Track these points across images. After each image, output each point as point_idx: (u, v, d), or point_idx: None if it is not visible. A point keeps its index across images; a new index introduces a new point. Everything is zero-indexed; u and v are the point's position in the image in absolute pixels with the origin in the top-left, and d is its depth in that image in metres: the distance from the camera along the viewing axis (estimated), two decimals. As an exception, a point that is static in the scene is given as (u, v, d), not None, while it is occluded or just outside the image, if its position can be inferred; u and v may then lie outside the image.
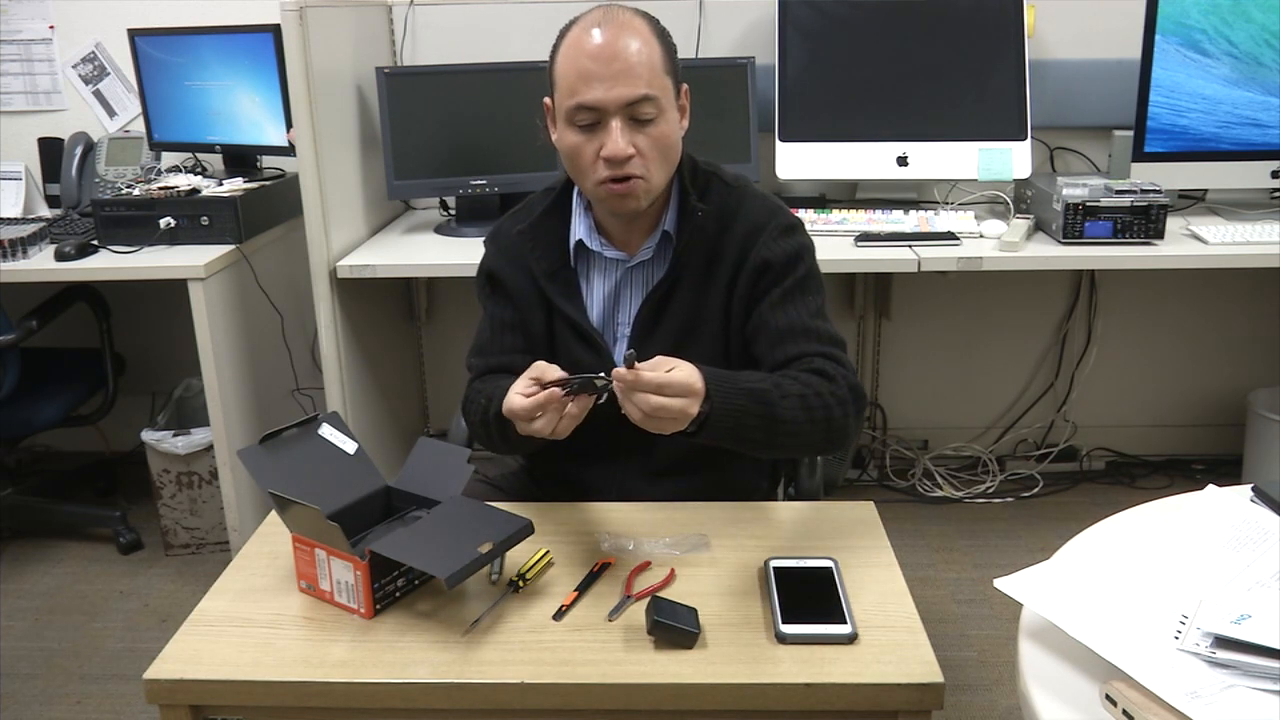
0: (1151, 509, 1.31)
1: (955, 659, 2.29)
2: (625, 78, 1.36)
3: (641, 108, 1.38)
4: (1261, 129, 2.56)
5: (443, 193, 2.78)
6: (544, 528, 1.38)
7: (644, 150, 1.40)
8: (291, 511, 1.25)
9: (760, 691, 1.10)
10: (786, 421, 1.33)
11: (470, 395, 1.56)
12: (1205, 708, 0.89)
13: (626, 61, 1.36)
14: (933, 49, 2.64)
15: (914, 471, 3.11)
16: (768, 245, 1.48)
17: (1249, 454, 2.88)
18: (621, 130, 1.38)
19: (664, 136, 1.41)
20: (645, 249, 1.52)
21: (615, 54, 1.36)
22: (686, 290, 1.50)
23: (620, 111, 1.38)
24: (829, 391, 1.38)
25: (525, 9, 2.86)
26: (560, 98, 1.41)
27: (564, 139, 1.43)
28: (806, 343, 1.44)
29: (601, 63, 1.36)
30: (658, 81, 1.39)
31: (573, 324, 1.53)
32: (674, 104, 1.44)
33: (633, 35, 1.38)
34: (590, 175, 1.42)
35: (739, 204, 1.52)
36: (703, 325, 1.51)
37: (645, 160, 1.40)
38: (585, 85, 1.37)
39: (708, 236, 1.50)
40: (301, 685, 1.14)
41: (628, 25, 1.39)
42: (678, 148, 1.46)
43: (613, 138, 1.38)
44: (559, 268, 1.54)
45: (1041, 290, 3.06)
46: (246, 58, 2.73)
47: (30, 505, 2.91)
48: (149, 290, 2.52)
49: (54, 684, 2.29)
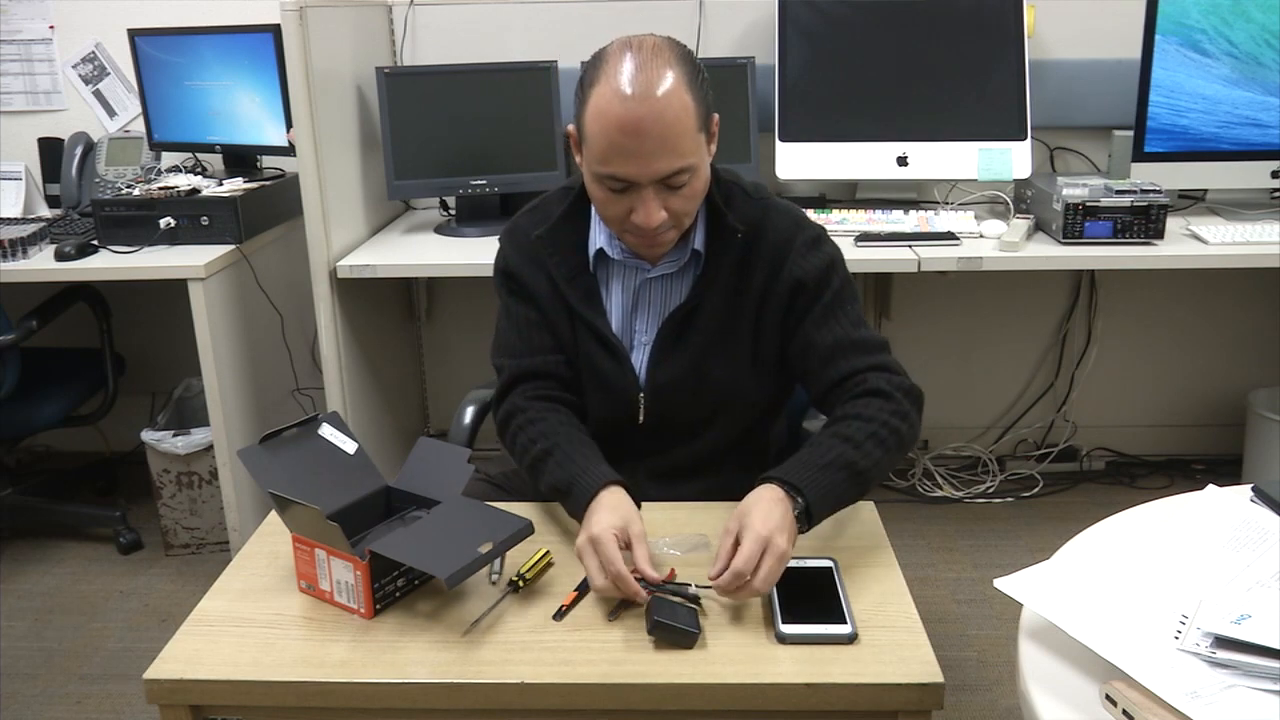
0: (1151, 509, 1.31)
1: (955, 659, 2.29)
2: (660, 154, 1.31)
3: (674, 179, 1.34)
4: (1261, 129, 2.56)
5: (443, 193, 2.78)
6: (544, 528, 1.38)
7: (676, 210, 1.37)
8: (291, 511, 1.25)
9: (760, 691, 1.10)
10: (872, 468, 1.35)
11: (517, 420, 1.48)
12: (1205, 708, 0.89)
13: (661, 138, 1.29)
14: (933, 49, 2.64)
15: (914, 471, 3.11)
16: (799, 263, 1.46)
17: (1249, 454, 2.88)
18: (654, 200, 1.34)
19: (696, 193, 1.38)
20: (670, 262, 1.48)
21: (649, 130, 1.29)
22: (712, 306, 1.48)
23: (654, 183, 1.33)
24: (891, 413, 1.39)
25: (525, 9, 2.86)
26: (589, 157, 1.36)
27: (592, 189, 1.39)
28: (855, 357, 1.45)
29: (635, 139, 1.29)
30: (692, 144, 1.33)
31: (594, 331, 1.50)
32: (706, 152, 1.38)
33: (667, 102, 1.29)
34: (617, 227, 1.41)
35: (763, 217, 1.48)
36: (727, 342, 1.49)
37: (676, 215, 1.38)
38: (618, 158, 1.31)
39: (733, 252, 1.47)
40: (301, 685, 1.14)
41: (660, 87, 1.29)
42: (707, 187, 1.42)
43: (645, 209, 1.34)
44: (578, 273, 1.50)
45: (1041, 290, 3.06)
46: (246, 58, 2.73)
47: (30, 505, 2.91)
48: (149, 290, 2.52)
49: (54, 684, 2.29)
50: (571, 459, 1.38)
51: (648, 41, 1.34)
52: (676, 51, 1.35)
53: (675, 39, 1.38)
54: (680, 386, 1.50)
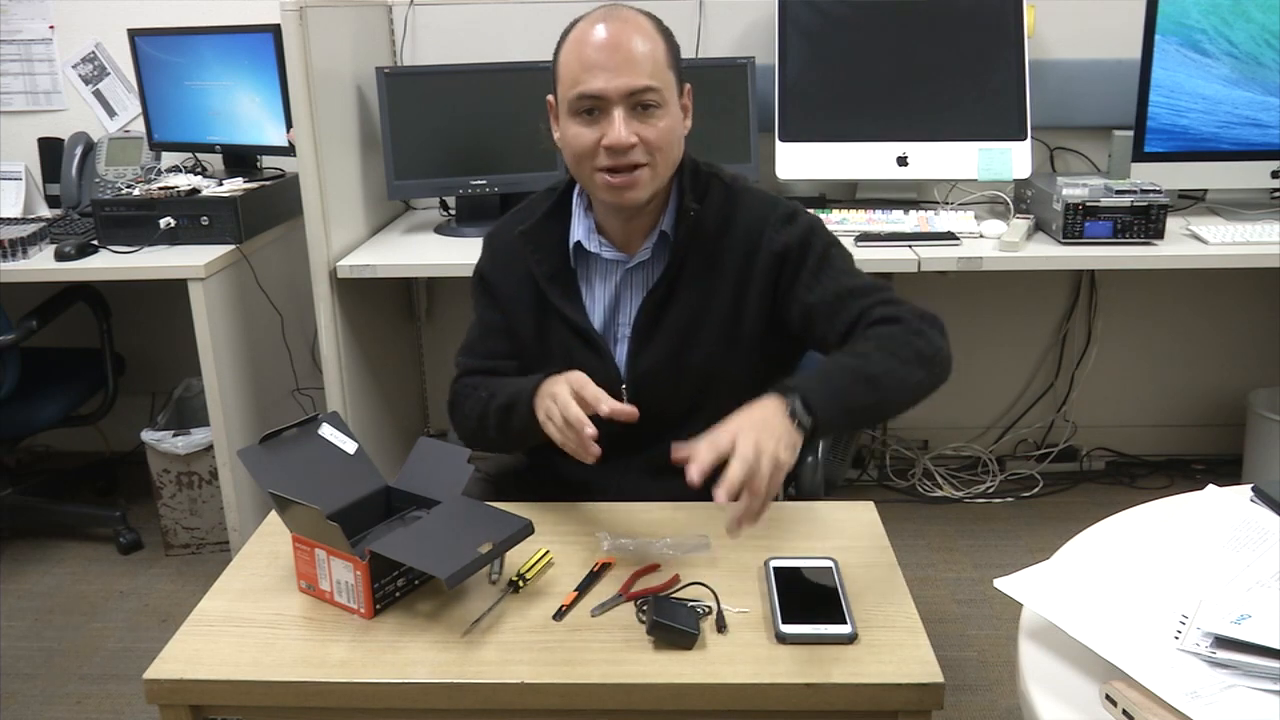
0: (1151, 509, 1.31)
1: (955, 659, 2.29)
2: (629, 68, 1.39)
3: (644, 97, 1.40)
4: (1261, 129, 2.56)
5: (443, 193, 2.78)
6: (544, 528, 1.38)
7: (647, 139, 1.41)
8: (291, 511, 1.25)
9: (760, 691, 1.10)
10: (883, 375, 1.34)
11: (462, 390, 1.59)
12: (1205, 708, 0.89)
13: (631, 52, 1.39)
14: (933, 49, 2.64)
15: (914, 471, 3.11)
16: (774, 237, 1.49)
17: (1249, 454, 2.88)
18: (625, 119, 1.40)
19: (667, 130, 1.43)
20: (644, 250, 1.52)
21: (619, 45, 1.39)
22: (687, 291, 1.51)
23: (623, 101, 1.40)
24: (901, 331, 1.39)
25: (525, 9, 2.86)
26: (563, 89, 1.44)
27: (566, 130, 1.45)
28: (856, 301, 1.45)
29: (606, 53, 1.39)
30: (661, 75, 1.42)
31: (574, 326, 1.53)
32: (677, 100, 1.46)
33: (637, 30, 1.42)
34: (591, 164, 1.43)
35: (737, 201, 1.53)
36: (705, 325, 1.51)
37: (648, 149, 1.42)
38: (589, 75, 1.39)
39: (707, 236, 1.50)
40: (301, 685, 1.14)
41: (632, 21, 1.42)
42: (680, 144, 1.47)
43: (615, 126, 1.40)
44: (559, 270, 1.54)
45: (1041, 290, 3.06)
46: (246, 58, 2.73)
47: (30, 505, 2.91)
48: (149, 290, 2.53)
49: (54, 684, 2.29)
50: (515, 382, 1.47)
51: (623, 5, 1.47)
52: (652, 16, 1.47)
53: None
54: (661, 374, 1.52)
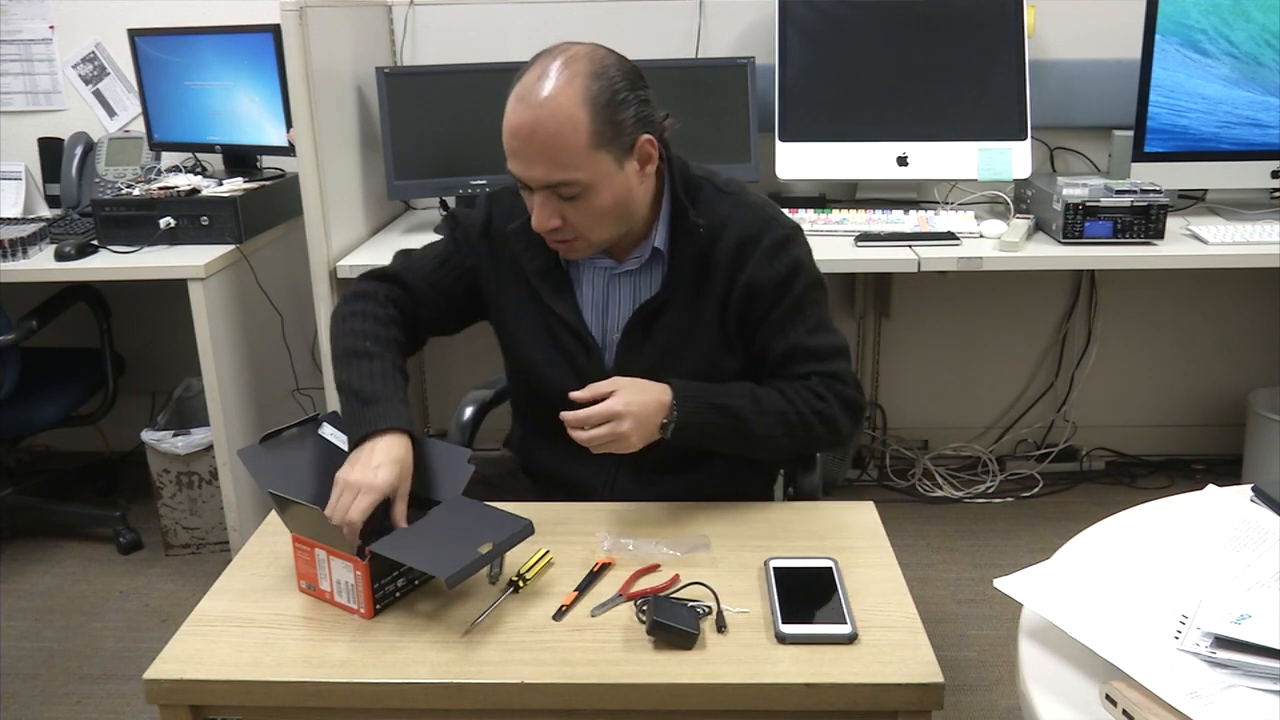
0: (1151, 509, 1.31)
1: (955, 659, 2.29)
2: (541, 161, 1.33)
3: (560, 190, 1.35)
4: (1261, 129, 2.56)
5: (443, 193, 2.77)
6: (544, 528, 1.38)
7: (572, 220, 1.38)
8: (291, 511, 1.25)
9: (760, 691, 1.10)
10: (760, 439, 1.44)
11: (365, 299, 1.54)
12: (1205, 708, 0.89)
13: (543, 145, 1.32)
14: (933, 49, 2.64)
15: (914, 471, 3.11)
16: (759, 267, 1.46)
17: (1249, 454, 2.88)
18: (544, 204, 1.36)
19: (593, 209, 1.37)
20: (633, 259, 1.50)
21: (531, 136, 1.32)
22: (677, 304, 1.49)
23: (542, 189, 1.36)
24: (814, 410, 1.44)
25: (525, 9, 2.86)
26: None
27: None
28: (804, 364, 1.48)
29: (519, 141, 1.34)
30: (581, 161, 1.33)
31: (566, 324, 1.52)
32: (613, 174, 1.36)
33: (553, 115, 1.30)
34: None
35: (731, 212, 1.49)
36: (693, 339, 1.50)
37: (575, 227, 1.39)
38: (510, 155, 1.36)
39: (699, 248, 1.47)
40: (301, 685, 1.14)
41: (550, 104, 1.31)
42: (623, 207, 1.40)
43: (535, 212, 1.38)
44: (550, 268, 1.52)
45: (1041, 290, 3.06)
46: (246, 58, 2.72)
47: (30, 505, 2.91)
48: (149, 290, 2.53)
49: (54, 684, 2.29)
50: (385, 380, 1.43)
51: (572, 50, 1.36)
52: (594, 67, 1.34)
53: (613, 54, 1.38)
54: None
